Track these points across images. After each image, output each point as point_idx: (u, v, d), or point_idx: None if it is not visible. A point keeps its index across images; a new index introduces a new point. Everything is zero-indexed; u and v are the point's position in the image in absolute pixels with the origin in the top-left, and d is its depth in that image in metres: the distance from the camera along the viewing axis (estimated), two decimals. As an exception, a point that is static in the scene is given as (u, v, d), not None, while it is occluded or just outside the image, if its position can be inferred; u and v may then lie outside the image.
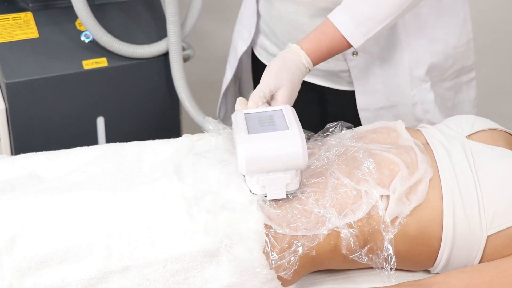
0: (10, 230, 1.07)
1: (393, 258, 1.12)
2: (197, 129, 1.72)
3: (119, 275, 1.07)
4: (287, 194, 1.13)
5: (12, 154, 1.70)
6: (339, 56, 1.42)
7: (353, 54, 1.46)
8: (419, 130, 1.28)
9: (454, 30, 1.50)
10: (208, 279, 1.09)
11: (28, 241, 1.07)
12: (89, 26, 1.67)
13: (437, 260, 1.16)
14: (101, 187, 1.16)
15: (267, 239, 1.09)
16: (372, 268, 1.14)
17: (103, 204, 1.11)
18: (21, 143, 1.70)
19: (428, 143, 1.23)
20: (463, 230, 1.13)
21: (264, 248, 1.09)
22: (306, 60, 1.29)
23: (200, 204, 1.11)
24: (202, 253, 1.08)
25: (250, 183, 1.13)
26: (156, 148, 1.28)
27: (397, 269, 1.14)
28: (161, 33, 1.78)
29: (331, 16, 1.31)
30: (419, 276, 1.18)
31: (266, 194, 1.12)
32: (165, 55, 1.78)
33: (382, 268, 1.12)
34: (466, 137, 1.23)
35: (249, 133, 1.14)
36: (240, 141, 1.12)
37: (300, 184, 1.14)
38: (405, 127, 1.27)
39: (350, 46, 1.32)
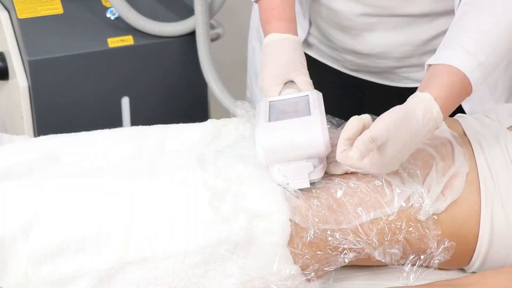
0: (26, 217, 1.05)
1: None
2: (226, 111, 1.70)
3: (137, 266, 1.05)
4: (310, 183, 1.08)
5: (34, 133, 1.71)
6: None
7: None
8: (456, 120, 1.23)
9: None
10: (229, 273, 1.06)
11: (44, 229, 1.04)
12: (115, 3, 1.66)
13: (472, 258, 1.12)
14: (122, 174, 1.13)
15: (292, 233, 1.06)
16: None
17: (123, 192, 1.08)
18: (44, 122, 1.70)
19: (465, 135, 1.19)
20: (502, 227, 1.09)
21: (288, 242, 1.06)
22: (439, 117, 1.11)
23: (223, 195, 1.08)
24: (223, 245, 1.05)
25: (272, 173, 1.09)
26: (179, 133, 1.24)
27: (430, 267, 1.10)
28: (190, 10, 1.75)
29: (461, 65, 1.11)
30: (453, 275, 1.15)
31: (288, 183, 1.08)
32: (194, 34, 1.75)
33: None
34: (507, 128, 1.19)
35: (269, 121, 1.10)
36: (258, 130, 1.09)
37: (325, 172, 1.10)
38: (442, 117, 1.21)
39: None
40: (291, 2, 1.28)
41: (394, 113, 1.06)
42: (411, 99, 1.09)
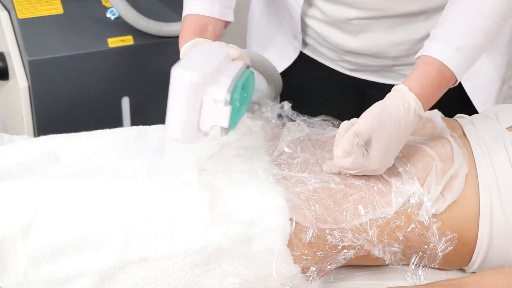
0: (25, 216, 1.04)
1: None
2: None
3: (137, 267, 1.04)
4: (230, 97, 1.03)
5: (34, 133, 1.69)
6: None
7: None
8: (456, 120, 1.23)
9: None
10: (229, 273, 1.06)
11: (43, 228, 1.04)
12: (115, 3, 1.64)
13: (472, 259, 1.12)
14: (122, 173, 1.13)
15: (292, 233, 1.05)
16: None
17: (123, 192, 1.08)
18: (44, 122, 1.68)
19: (465, 135, 1.18)
20: (501, 228, 1.09)
21: (288, 242, 1.05)
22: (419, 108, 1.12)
23: (223, 195, 1.07)
24: (223, 245, 1.04)
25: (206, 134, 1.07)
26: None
27: (429, 267, 1.10)
28: (190, 10, 1.74)
29: (436, 53, 1.13)
30: (453, 275, 1.14)
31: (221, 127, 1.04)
32: (194, 33, 1.74)
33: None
34: (506, 128, 1.18)
35: None
36: None
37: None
38: (441, 117, 1.21)
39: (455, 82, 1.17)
40: (196, 20, 1.28)
41: (374, 107, 1.09)
42: (389, 93, 1.12)
